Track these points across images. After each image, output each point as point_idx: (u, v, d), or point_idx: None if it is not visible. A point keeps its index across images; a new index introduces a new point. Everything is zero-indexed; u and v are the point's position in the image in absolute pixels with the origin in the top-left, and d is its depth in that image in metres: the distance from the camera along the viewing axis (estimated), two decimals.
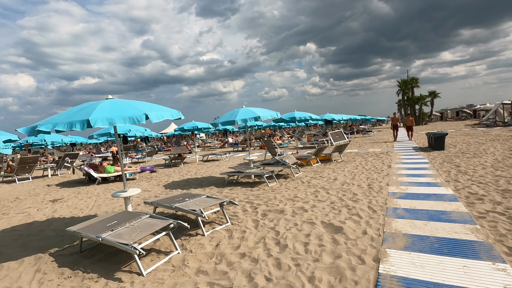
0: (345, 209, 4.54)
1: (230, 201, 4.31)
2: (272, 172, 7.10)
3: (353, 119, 23.61)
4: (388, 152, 11.56)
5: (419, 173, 6.99)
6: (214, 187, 7.33)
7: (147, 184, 8.76)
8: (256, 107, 7.99)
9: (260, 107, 8.37)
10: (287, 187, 6.58)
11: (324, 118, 16.46)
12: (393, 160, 9.44)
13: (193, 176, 9.66)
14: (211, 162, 13.48)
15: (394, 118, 16.50)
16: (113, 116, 3.35)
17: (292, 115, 10.83)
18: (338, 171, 8.10)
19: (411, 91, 44.36)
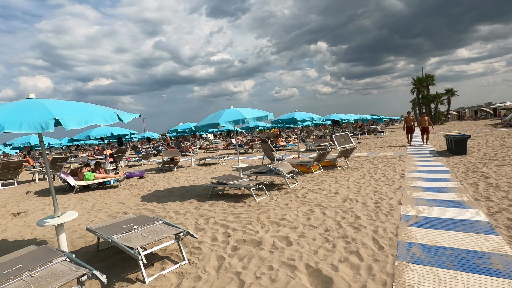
0: (342, 243, 3.43)
1: (187, 232, 3.28)
2: (262, 183, 6.03)
3: (364, 119, 22.22)
4: (401, 157, 10.29)
5: (439, 186, 5.77)
6: (195, 200, 6.32)
7: (126, 194, 7.84)
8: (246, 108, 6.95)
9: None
10: (277, 203, 5.49)
11: (331, 119, 15.22)
12: (407, 167, 8.20)
13: (180, 184, 8.70)
14: (208, 167, 12.51)
15: (407, 119, 14.40)
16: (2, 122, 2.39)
17: (291, 115, 9.72)
18: (341, 182, 6.95)
19: (427, 89, 42.24)
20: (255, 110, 6.59)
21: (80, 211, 6.28)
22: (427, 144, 13.61)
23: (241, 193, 6.55)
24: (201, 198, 6.47)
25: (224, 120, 6.08)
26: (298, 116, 9.46)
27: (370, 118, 23.66)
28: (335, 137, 8.92)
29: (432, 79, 41.88)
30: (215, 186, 6.30)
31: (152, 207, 5.98)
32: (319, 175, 8.06)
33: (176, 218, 5.07)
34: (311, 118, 9.48)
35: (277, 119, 10.02)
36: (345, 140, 9.05)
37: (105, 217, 5.58)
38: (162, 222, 3.65)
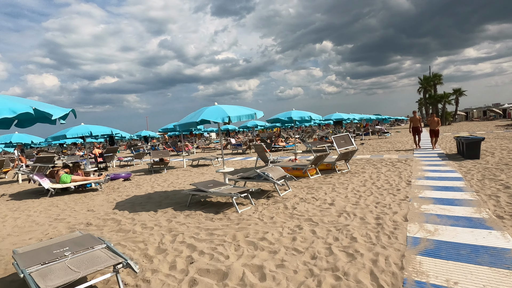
0: (330, 278, 2.64)
1: (127, 264, 2.53)
2: (247, 191, 5.27)
3: (368, 119, 21.31)
4: (407, 160, 9.43)
5: (451, 196, 4.95)
6: (171, 209, 5.57)
7: (102, 199, 7.13)
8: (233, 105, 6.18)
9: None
10: (262, 215, 4.72)
11: (333, 118, 14.36)
12: (414, 172, 7.37)
13: (164, 188, 7.97)
14: (200, 168, 11.78)
15: (414, 119, 12.85)
16: None
17: (288, 114, 8.93)
18: (339, 189, 6.14)
19: (434, 89, 41.05)
20: (241, 108, 5.83)
21: (43, 220, 5.57)
22: (436, 148, 12.21)
23: (224, 201, 5.79)
24: (179, 207, 5.72)
25: (205, 118, 5.32)
26: (295, 115, 8.67)
27: (374, 118, 22.70)
28: (335, 138, 8.11)
29: (439, 78, 40.67)
30: (195, 193, 5.54)
31: (120, 218, 5.25)
32: (316, 181, 7.26)
33: (141, 233, 4.33)
34: (309, 117, 8.68)
35: (273, 118, 9.25)
36: (346, 141, 8.23)
37: (64, 229, 4.86)
38: (104, 247, 2.90)
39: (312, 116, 8.80)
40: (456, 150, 10.97)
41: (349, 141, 8.30)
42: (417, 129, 12.72)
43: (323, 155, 7.50)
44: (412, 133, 12.74)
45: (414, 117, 12.95)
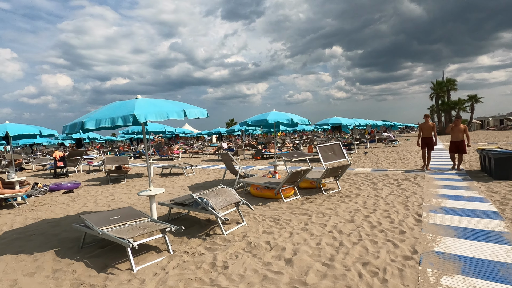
0: None
1: None
2: (164, 230, 3.37)
3: (374, 125, 19.20)
4: (417, 178, 7.38)
5: (490, 255, 2.94)
6: (51, 253, 3.71)
7: (3, 221, 5.32)
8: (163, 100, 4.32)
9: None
10: (164, 280, 2.80)
11: (330, 123, 12.31)
12: (426, 198, 5.34)
13: (99, 206, 6.14)
14: (168, 178, 9.94)
15: (425, 126, 8.71)
16: None
17: (264, 116, 6.99)
18: (314, 227, 4.18)
19: (447, 95, 38.57)
20: (164, 103, 3.93)
21: None
22: (459, 170, 8.30)
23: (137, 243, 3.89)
24: (70, 247, 3.85)
25: (122, 114, 3.48)
26: (272, 117, 6.75)
27: (381, 124, 20.55)
28: (320, 148, 6.14)
29: (453, 84, 38.19)
30: (84, 229, 3.66)
31: None
32: (289, 207, 5.30)
33: None
34: (289, 120, 6.75)
35: (246, 121, 7.35)
36: (335, 153, 6.26)
37: None
38: None
39: (295, 118, 6.86)
40: (478, 166, 8.84)
41: (339, 152, 6.32)
42: (429, 141, 8.66)
43: (301, 171, 5.54)
44: (421, 146, 8.79)
45: (426, 124, 8.71)
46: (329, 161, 6.12)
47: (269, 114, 7.07)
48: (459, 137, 8.26)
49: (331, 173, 6.13)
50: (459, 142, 8.27)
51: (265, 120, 6.84)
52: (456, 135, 8.30)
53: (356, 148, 17.68)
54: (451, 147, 8.46)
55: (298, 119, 7.07)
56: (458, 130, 8.28)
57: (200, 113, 4.03)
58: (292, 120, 6.85)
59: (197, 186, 7.99)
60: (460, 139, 8.23)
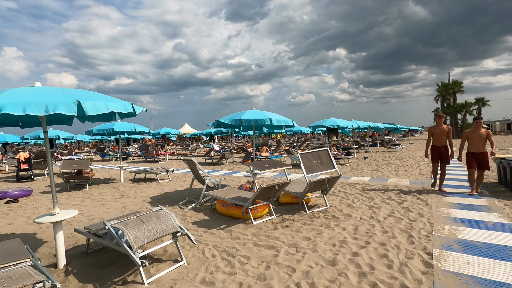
0: None
1: None
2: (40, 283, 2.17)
3: (376, 127, 17.91)
4: (423, 192, 6.11)
5: None
6: None
7: None
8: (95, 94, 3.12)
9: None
10: None
11: (324, 125, 11.03)
12: (436, 222, 4.09)
13: (20, 227, 4.95)
14: (140, 185, 8.75)
15: (437, 130, 6.24)
16: None
17: (237, 116, 5.76)
18: (279, 271, 2.94)
19: (453, 97, 37.06)
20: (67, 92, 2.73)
21: None
22: (479, 193, 5.86)
23: None
24: None
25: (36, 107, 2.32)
26: (247, 117, 5.50)
27: (383, 127, 19.25)
28: (302, 156, 4.90)
29: (460, 86, 36.66)
30: None
31: None
32: (256, 233, 4.07)
33: None
34: (268, 121, 5.49)
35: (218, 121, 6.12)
36: (322, 161, 5.02)
37: None
38: None
39: (275, 119, 5.61)
40: (495, 177, 7.55)
41: (327, 161, 5.07)
42: (442, 151, 6.18)
43: (274, 186, 4.30)
44: (431, 158, 6.36)
45: (438, 128, 6.21)
46: (313, 172, 4.88)
47: (244, 113, 5.85)
48: (480, 147, 5.84)
49: (316, 187, 4.89)
50: (481, 154, 5.82)
51: (239, 120, 5.61)
52: (475, 144, 5.86)
53: (355, 153, 16.41)
54: (469, 162, 5.88)
55: (280, 119, 5.83)
56: (479, 137, 5.82)
57: (116, 107, 2.81)
58: (271, 121, 5.62)
59: (163, 197, 6.78)
60: (481, 151, 5.83)
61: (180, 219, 4.88)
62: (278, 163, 4.85)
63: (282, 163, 4.88)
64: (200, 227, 4.44)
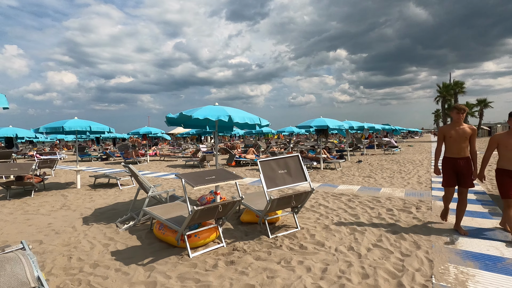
0: None
1: None
2: None
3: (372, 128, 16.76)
4: (420, 207, 4.95)
5: None
6: None
7: None
8: None
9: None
10: None
11: (313, 125, 9.86)
12: (437, 260, 2.94)
13: None
14: (97, 191, 7.60)
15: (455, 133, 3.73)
16: None
17: (191, 112, 4.56)
18: None
19: (454, 98, 35.97)
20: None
21: None
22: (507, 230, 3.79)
23: None
24: None
25: None
26: (201, 113, 4.32)
27: (380, 128, 18.09)
28: (262, 164, 3.75)
29: (461, 87, 35.57)
30: None
31: None
32: (185, 275, 2.92)
33: None
34: (224, 117, 4.31)
35: (167, 117, 4.95)
36: (289, 172, 3.87)
37: None
38: None
39: (236, 115, 4.44)
40: None
41: (297, 171, 3.92)
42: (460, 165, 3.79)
43: (217, 206, 3.15)
44: (444, 175, 3.92)
45: (456, 127, 3.79)
46: (277, 185, 3.73)
47: (199, 109, 4.69)
48: None
49: (280, 205, 3.73)
50: None
51: (189, 117, 4.44)
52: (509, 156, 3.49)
53: (350, 155, 15.26)
54: (501, 179, 3.55)
55: (244, 117, 4.65)
56: None
57: None
58: (230, 118, 4.45)
59: (109, 209, 5.62)
60: None
61: (103, 245, 3.73)
62: (227, 175, 3.68)
63: (233, 175, 3.71)
64: (118, 259, 3.29)
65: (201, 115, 4.46)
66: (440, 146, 4.07)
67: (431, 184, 7.17)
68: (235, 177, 3.59)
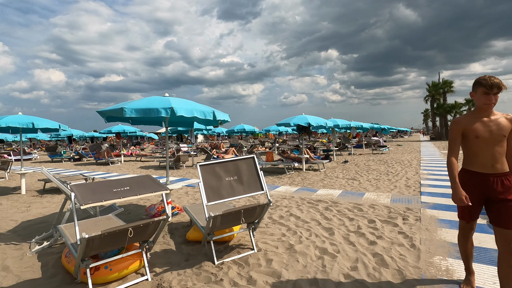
0: None
1: None
2: None
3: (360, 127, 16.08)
4: (408, 218, 4.15)
5: None
6: None
7: None
8: None
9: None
10: None
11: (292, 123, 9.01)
12: None
13: None
14: (44, 197, 6.60)
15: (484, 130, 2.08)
16: None
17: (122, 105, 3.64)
18: None
19: (443, 97, 35.75)
20: None
21: None
22: None
23: None
24: None
25: None
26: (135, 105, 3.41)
27: (368, 127, 17.44)
28: (203, 168, 2.86)
29: (450, 86, 35.34)
30: None
31: None
32: None
33: None
34: (163, 111, 3.43)
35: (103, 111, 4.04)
36: (240, 180, 2.97)
37: None
38: None
39: (179, 107, 3.56)
40: None
41: (251, 178, 3.04)
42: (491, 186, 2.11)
43: (127, 229, 2.25)
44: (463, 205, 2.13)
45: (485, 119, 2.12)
46: (222, 197, 2.84)
47: (133, 102, 3.77)
48: None
49: (226, 222, 2.85)
50: None
51: (120, 109, 3.52)
52: None
53: (336, 155, 14.52)
54: None
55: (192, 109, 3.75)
56: None
57: None
58: (172, 111, 3.54)
59: (39, 221, 4.65)
60: None
61: None
62: (149, 185, 2.77)
63: (159, 185, 2.80)
64: None
65: (136, 108, 3.54)
66: (455, 152, 2.20)
67: (420, 188, 6.41)
68: (160, 187, 2.68)
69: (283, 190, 6.65)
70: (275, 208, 5.10)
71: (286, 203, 5.44)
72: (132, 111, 3.48)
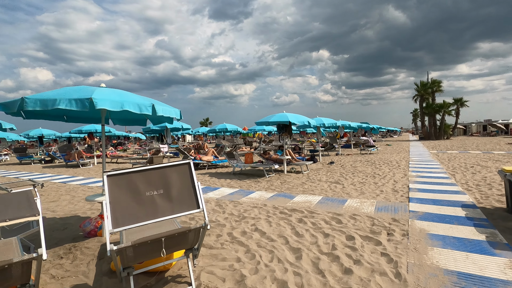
0: None
1: None
2: None
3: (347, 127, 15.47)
4: (394, 231, 3.45)
5: None
6: None
7: None
8: None
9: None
10: None
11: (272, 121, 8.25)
12: None
13: None
14: None
15: None
16: None
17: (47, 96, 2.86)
18: None
19: (432, 97, 35.67)
20: None
21: None
22: None
23: None
24: None
25: None
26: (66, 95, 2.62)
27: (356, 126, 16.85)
28: (110, 181, 2.11)
29: (439, 85, 35.26)
30: None
31: None
32: None
33: None
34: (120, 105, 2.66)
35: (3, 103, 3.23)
36: (166, 192, 2.22)
37: None
38: None
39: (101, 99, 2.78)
40: (499, 199, 5.02)
41: (183, 193, 2.27)
42: None
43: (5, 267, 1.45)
44: None
45: None
46: (138, 220, 2.06)
47: (43, 93, 2.96)
48: None
49: (142, 255, 2.07)
50: None
51: (22, 102, 2.70)
52: None
53: (322, 156, 13.86)
54: None
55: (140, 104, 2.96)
56: None
57: None
58: (92, 104, 2.74)
59: None
60: None
61: None
62: (18, 208, 1.97)
63: (30, 208, 2.00)
64: None
65: (42, 99, 2.71)
66: None
67: (409, 193, 5.75)
68: (30, 211, 1.88)
69: (257, 197, 5.90)
70: (240, 221, 4.33)
71: (255, 214, 4.68)
72: (36, 102, 2.66)
